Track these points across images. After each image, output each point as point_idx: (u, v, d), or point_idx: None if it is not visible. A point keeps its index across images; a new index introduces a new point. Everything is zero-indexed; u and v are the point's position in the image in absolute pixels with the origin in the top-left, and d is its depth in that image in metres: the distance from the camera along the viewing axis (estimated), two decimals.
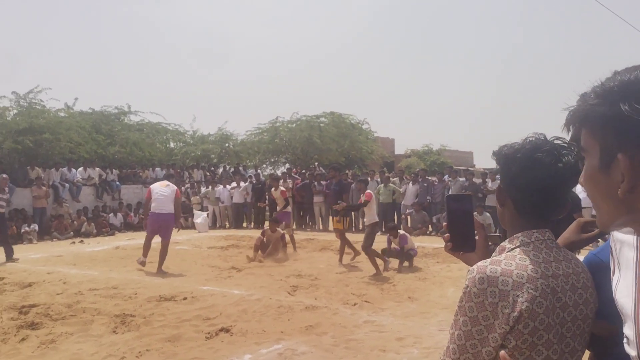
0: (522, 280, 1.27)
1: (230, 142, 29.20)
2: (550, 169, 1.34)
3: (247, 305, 6.97)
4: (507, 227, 1.45)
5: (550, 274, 1.31)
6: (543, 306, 1.27)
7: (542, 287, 1.28)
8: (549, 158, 1.34)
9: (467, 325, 1.30)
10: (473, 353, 1.29)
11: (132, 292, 7.84)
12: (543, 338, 1.27)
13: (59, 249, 13.19)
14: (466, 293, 1.31)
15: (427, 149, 39.99)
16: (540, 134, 1.41)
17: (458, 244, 1.55)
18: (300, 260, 11.00)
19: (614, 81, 0.93)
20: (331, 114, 29.64)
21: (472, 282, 1.30)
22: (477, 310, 1.28)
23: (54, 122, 19.49)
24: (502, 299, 1.26)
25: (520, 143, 1.41)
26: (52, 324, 6.22)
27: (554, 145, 1.37)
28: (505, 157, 1.41)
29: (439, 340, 5.52)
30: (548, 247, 1.37)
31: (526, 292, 1.26)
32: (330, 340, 5.59)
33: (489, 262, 1.32)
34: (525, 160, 1.36)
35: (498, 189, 1.46)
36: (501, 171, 1.44)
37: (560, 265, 1.34)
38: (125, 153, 22.85)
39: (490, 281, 1.28)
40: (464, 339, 1.30)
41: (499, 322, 1.26)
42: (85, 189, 18.32)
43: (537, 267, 1.31)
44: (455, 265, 9.94)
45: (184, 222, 18.32)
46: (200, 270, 9.88)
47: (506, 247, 1.39)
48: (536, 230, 1.38)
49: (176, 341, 5.57)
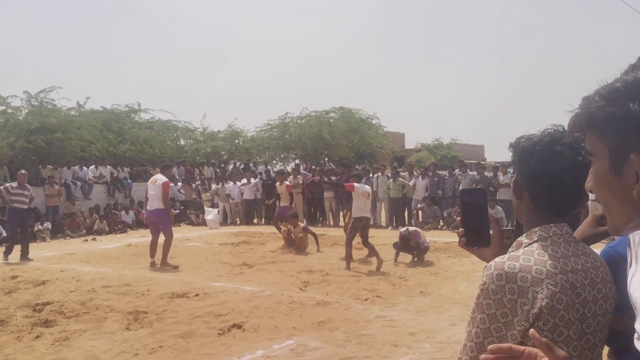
0: (541, 276, 1.25)
1: (240, 139, 29.29)
2: (570, 162, 1.31)
3: (259, 301, 6.98)
4: (524, 220, 1.42)
5: (569, 269, 1.28)
6: (563, 302, 1.24)
7: (562, 282, 1.25)
8: (569, 151, 1.31)
9: (485, 323, 1.27)
10: None
11: (145, 289, 7.88)
12: (563, 334, 1.25)
13: (72, 246, 13.30)
14: (484, 290, 1.29)
15: (438, 143, 39.82)
16: (559, 125, 1.37)
17: (472, 239, 1.52)
18: (311, 255, 11.01)
19: (619, 81, 0.91)
20: (340, 109, 29.60)
21: (489, 278, 1.28)
22: (496, 308, 1.26)
23: (65, 121, 19.64)
24: (521, 296, 1.24)
25: (538, 135, 1.38)
26: (66, 321, 6.27)
27: (574, 138, 1.34)
28: (524, 150, 1.38)
29: (451, 335, 5.50)
30: (566, 242, 1.34)
31: (546, 288, 1.23)
32: (342, 335, 5.59)
33: (506, 258, 1.30)
34: (544, 153, 1.33)
35: (515, 182, 1.43)
36: (518, 164, 1.41)
37: (579, 260, 1.31)
38: (136, 151, 22.99)
39: (508, 277, 1.25)
40: (482, 337, 1.28)
41: (518, 319, 1.24)
42: (97, 187, 18.43)
43: (556, 262, 1.28)
44: (467, 259, 9.89)
45: (195, 218, 18.43)
46: (212, 266, 9.91)
47: (523, 242, 1.36)
48: (554, 225, 1.35)
49: (189, 337, 5.59)
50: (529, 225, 1.39)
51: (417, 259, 9.90)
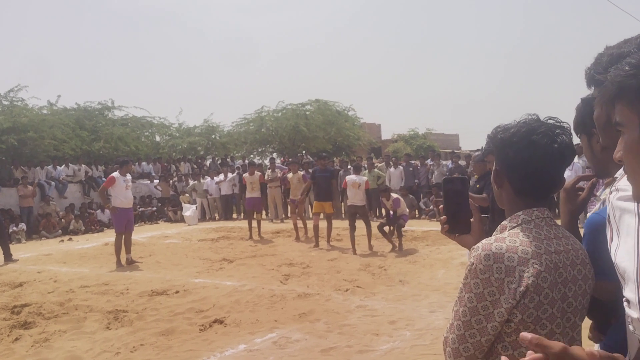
0: (527, 256, 1.30)
1: (217, 134, 29.11)
2: (547, 150, 1.36)
3: (240, 296, 7.00)
4: (506, 206, 1.48)
5: (552, 250, 1.34)
6: (548, 281, 1.30)
7: (546, 262, 1.31)
8: (545, 139, 1.36)
9: (473, 302, 1.32)
10: (478, 329, 1.32)
11: (124, 287, 7.83)
12: (547, 312, 1.30)
13: (48, 247, 13.11)
14: (471, 270, 1.33)
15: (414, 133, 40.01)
16: (533, 114, 1.43)
17: (454, 226, 1.58)
18: (292, 248, 11.04)
19: None
20: (317, 102, 29.55)
21: (477, 259, 1.32)
22: (483, 287, 1.30)
23: (37, 120, 19.30)
24: (508, 275, 1.29)
25: (514, 125, 1.42)
26: (45, 322, 6.22)
27: (548, 126, 1.38)
28: (502, 142, 1.42)
29: (430, 322, 5.60)
30: (548, 225, 1.40)
31: (531, 267, 1.29)
32: (323, 326, 5.64)
33: (493, 240, 1.35)
34: (521, 144, 1.38)
35: (495, 172, 1.47)
36: (497, 155, 1.45)
37: (560, 242, 1.38)
38: (111, 148, 22.70)
39: (496, 257, 1.30)
40: (469, 315, 1.32)
41: (505, 297, 1.29)
42: (72, 186, 18.16)
43: (540, 243, 1.34)
44: (445, 247, 10.03)
45: (173, 215, 18.29)
46: (192, 263, 9.88)
47: (507, 225, 1.42)
48: (536, 209, 1.41)
49: (170, 335, 5.59)
50: (511, 211, 1.45)
51: (397, 242, 10.16)
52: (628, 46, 1.28)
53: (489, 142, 1.48)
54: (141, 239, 13.42)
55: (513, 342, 1.32)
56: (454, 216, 1.57)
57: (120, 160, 10.62)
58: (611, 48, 1.36)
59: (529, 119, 1.41)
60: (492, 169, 1.50)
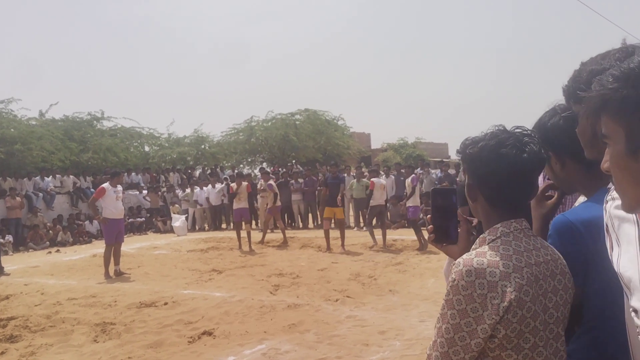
0: (508, 270, 1.29)
1: (206, 144, 29.07)
2: (517, 161, 1.36)
3: (229, 307, 6.95)
4: (482, 220, 1.47)
5: (533, 262, 1.34)
6: (530, 294, 1.29)
7: (527, 275, 1.31)
8: (514, 150, 1.36)
9: (456, 318, 1.30)
10: (462, 345, 1.30)
11: (112, 299, 7.76)
12: (530, 325, 1.30)
13: (36, 259, 12.98)
14: (453, 286, 1.32)
15: (403, 142, 40.14)
16: (499, 125, 1.43)
17: (441, 236, 1.58)
18: (282, 258, 11.01)
19: (632, 62, 0.90)
20: (306, 111, 29.63)
21: (459, 275, 1.31)
22: (466, 303, 1.29)
23: (25, 132, 19.25)
24: (490, 290, 1.28)
25: (482, 139, 1.42)
26: (32, 335, 6.14)
27: (516, 137, 1.38)
28: (471, 156, 1.42)
29: (420, 332, 5.59)
30: (526, 236, 1.40)
31: (513, 281, 1.28)
32: (313, 337, 5.62)
33: (474, 255, 1.34)
34: (491, 157, 1.38)
35: (468, 186, 1.47)
36: (469, 170, 1.46)
37: (539, 253, 1.38)
38: (99, 159, 22.58)
39: (478, 273, 1.29)
40: (453, 332, 1.31)
41: (488, 313, 1.27)
42: (60, 197, 18.02)
43: (521, 256, 1.34)
44: (435, 256, 10.05)
45: (162, 226, 18.20)
46: (181, 274, 9.82)
47: (487, 238, 1.41)
48: (514, 220, 1.41)
49: (158, 347, 5.54)
50: (488, 223, 1.44)
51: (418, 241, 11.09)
52: (608, 62, 1.30)
53: (459, 157, 1.49)
54: (130, 250, 13.33)
55: (497, 357, 1.32)
56: (441, 226, 1.57)
57: (112, 171, 10.59)
58: (589, 64, 1.37)
59: (496, 131, 1.41)
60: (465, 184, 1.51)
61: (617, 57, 1.30)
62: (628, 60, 0.91)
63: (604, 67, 1.28)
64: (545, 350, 1.33)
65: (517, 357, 1.31)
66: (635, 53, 1.32)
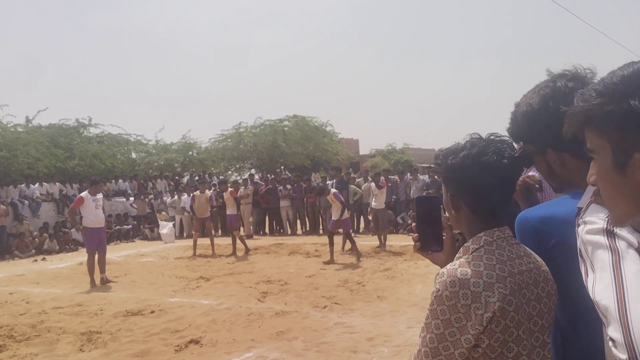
0: (492, 280, 1.30)
1: (194, 150, 28.96)
2: (499, 166, 1.36)
3: (217, 315, 6.92)
4: (465, 229, 1.47)
5: (516, 271, 1.34)
6: (513, 304, 1.30)
7: (511, 285, 1.31)
8: (494, 157, 1.37)
9: (440, 328, 1.31)
10: (446, 355, 1.30)
11: (98, 308, 7.69)
12: (513, 335, 1.30)
13: (21, 267, 12.83)
14: (437, 297, 1.32)
15: (391, 148, 40.31)
16: (475, 134, 1.44)
17: (426, 244, 1.58)
18: (270, 265, 10.97)
19: (615, 77, 0.89)
20: (294, 117, 29.66)
21: (443, 285, 1.31)
22: (450, 313, 1.29)
23: (10, 139, 19.08)
24: (474, 301, 1.28)
25: (461, 148, 1.42)
26: (16, 345, 6.07)
27: (495, 144, 1.39)
28: (453, 167, 1.41)
29: (408, 338, 5.59)
30: (509, 244, 1.40)
31: (497, 291, 1.28)
32: (301, 344, 5.60)
33: (457, 265, 1.34)
34: (475, 167, 1.37)
35: (450, 197, 1.46)
36: (450, 180, 1.45)
37: (522, 262, 1.38)
38: (86, 166, 22.43)
39: (462, 284, 1.29)
40: (437, 342, 1.31)
41: (472, 324, 1.28)
42: (46, 205, 17.86)
43: (504, 265, 1.34)
44: (423, 262, 10.06)
45: (149, 233, 18.07)
46: (168, 281, 9.75)
47: (470, 247, 1.41)
48: (497, 229, 1.41)
49: (145, 356, 5.49)
50: (471, 232, 1.44)
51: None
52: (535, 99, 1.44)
53: (438, 169, 1.47)
54: (117, 257, 13.22)
55: None
56: (425, 234, 1.57)
57: (91, 179, 10.45)
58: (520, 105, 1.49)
59: (474, 140, 1.41)
60: (444, 195, 1.50)
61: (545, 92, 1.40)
62: (610, 74, 0.91)
63: (532, 104, 1.41)
64: (529, 359, 1.34)
65: None
66: (557, 81, 1.41)
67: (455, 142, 1.46)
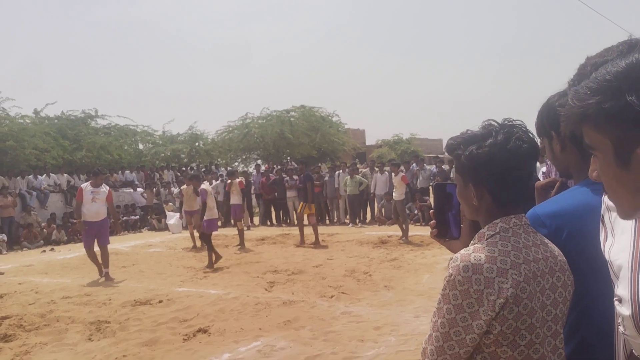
0: (505, 267, 1.28)
1: (201, 141, 29.00)
2: (522, 152, 1.35)
3: (224, 304, 6.94)
4: (483, 218, 1.43)
5: (531, 259, 1.32)
6: (527, 291, 1.28)
7: (525, 272, 1.29)
8: (518, 142, 1.35)
9: (451, 313, 1.30)
10: (457, 340, 1.30)
11: (106, 298, 7.74)
12: (526, 322, 1.29)
13: (30, 258, 12.92)
14: (450, 281, 1.31)
15: (398, 139, 40.28)
16: (489, 120, 1.41)
17: (443, 231, 1.57)
18: (277, 255, 11.00)
19: (608, 73, 0.88)
20: (301, 108, 29.61)
21: (456, 270, 1.30)
22: (462, 298, 1.29)
23: (17, 130, 19.09)
24: (487, 286, 1.27)
25: (485, 137, 1.38)
26: (26, 335, 6.11)
27: (516, 130, 1.37)
28: (479, 157, 1.37)
29: (415, 327, 5.60)
30: (526, 232, 1.38)
31: (510, 278, 1.27)
32: (308, 333, 5.61)
33: (471, 250, 1.33)
34: (503, 154, 1.34)
35: (474, 187, 1.41)
36: (474, 170, 1.39)
37: (539, 250, 1.36)
38: (93, 157, 22.50)
39: (475, 269, 1.28)
40: (448, 327, 1.30)
41: (484, 309, 1.27)
42: (54, 196, 17.95)
43: (519, 252, 1.32)
44: (429, 252, 10.07)
45: (157, 223, 18.14)
46: (175, 271, 9.80)
47: (485, 233, 1.39)
48: (514, 216, 1.39)
49: (153, 345, 5.53)
50: (488, 220, 1.41)
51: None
52: (610, 54, 1.28)
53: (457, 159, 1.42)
54: (125, 248, 13.30)
55: (492, 353, 1.31)
56: (443, 221, 1.56)
57: (93, 170, 10.23)
58: (593, 57, 1.36)
59: (493, 127, 1.38)
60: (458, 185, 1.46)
61: (620, 49, 1.29)
62: (602, 71, 0.89)
63: (607, 59, 1.25)
64: (542, 348, 1.32)
65: (512, 353, 1.30)
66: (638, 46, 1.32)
67: (465, 129, 1.43)
